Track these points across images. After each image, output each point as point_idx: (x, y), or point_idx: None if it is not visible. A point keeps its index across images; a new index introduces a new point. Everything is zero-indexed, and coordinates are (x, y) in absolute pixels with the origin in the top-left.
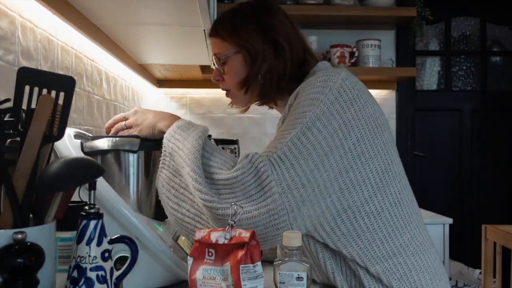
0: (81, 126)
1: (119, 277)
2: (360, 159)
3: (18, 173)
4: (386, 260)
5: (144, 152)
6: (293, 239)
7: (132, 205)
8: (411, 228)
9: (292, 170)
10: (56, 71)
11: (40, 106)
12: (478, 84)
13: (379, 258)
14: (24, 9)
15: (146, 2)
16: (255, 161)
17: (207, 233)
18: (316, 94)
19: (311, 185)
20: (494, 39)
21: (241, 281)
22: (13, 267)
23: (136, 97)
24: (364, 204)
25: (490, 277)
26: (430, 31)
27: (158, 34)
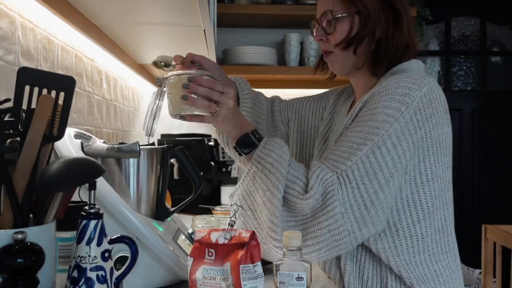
0: (81, 126)
1: (119, 277)
2: (415, 181)
3: (18, 173)
4: (421, 282)
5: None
6: (293, 239)
7: (132, 205)
8: (448, 255)
9: (357, 190)
10: (56, 71)
11: (40, 106)
12: (478, 84)
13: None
14: (24, 9)
15: (146, 2)
16: (324, 181)
17: (207, 233)
18: (393, 110)
19: (374, 207)
20: (494, 39)
21: (241, 281)
22: (13, 267)
23: (136, 97)
24: (410, 225)
25: (490, 277)
26: (430, 31)
27: (158, 34)
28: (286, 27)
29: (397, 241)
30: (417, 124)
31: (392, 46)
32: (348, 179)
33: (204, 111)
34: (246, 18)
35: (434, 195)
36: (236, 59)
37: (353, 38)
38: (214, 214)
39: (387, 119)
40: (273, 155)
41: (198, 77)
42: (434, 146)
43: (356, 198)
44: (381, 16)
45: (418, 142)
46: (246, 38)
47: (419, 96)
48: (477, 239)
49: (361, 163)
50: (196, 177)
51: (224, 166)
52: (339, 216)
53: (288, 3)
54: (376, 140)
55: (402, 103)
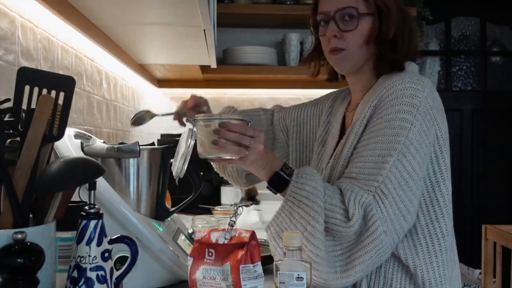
0: (81, 126)
1: (119, 277)
2: (430, 179)
3: (18, 173)
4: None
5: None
6: (293, 239)
7: (132, 205)
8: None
9: (394, 204)
10: (56, 71)
11: (40, 106)
12: (478, 84)
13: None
14: (24, 9)
15: (146, 2)
16: (363, 204)
17: (207, 233)
18: (406, 114)
19: (410, 214)
20: (494, 39)
21: (241, 281)
22: (13, 267)
23: (136, 97)
24: (429, 224)
25: (490, 277)
26: (430, 31)
27: (158, 34)
28: (286, 27)
29: (416, 240)
30: (429, 124)
31: (405, 47)
32: (384, 194)
33: (234, 155)
34: (246, 18)
35: (447, 193)
36: (236, 59)
37: (375, 37)
38: (214, 214)
39: (403, 124)
40: (307, 188)
41: (230, 122)
42: (442, 144)
43: (394, 211)
44: (399, 16)
45: (432, 142)
46: (246, 38)
47: (424, 97)
48: (477, 239)
49: (392, 175)
50: (196, 177)
51: None
52: (383, 236)
53: (288, 3)
54: (400, 149)
55: (413, 106)
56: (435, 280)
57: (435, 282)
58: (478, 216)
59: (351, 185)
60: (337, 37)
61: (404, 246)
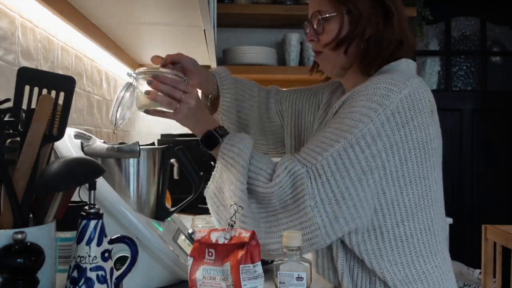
0: (81, 126)
1: (119, 277)
2: (399, 182)
3: (18, 173)
4: (406, 284)
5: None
6: (293, 239)
7: (132, 205)
8: (437, 256)
9: (328, 185)
10: (56, 71)
11: (40, 106)
12: (478, 84)
13: (399, 281)
14: (24, 9)
15: (146, 2)
16: (293, 173)
17: (207, 233)
18: (369, 110)
19: (345, 202)
20: (494, 39)
21: (241, 281)
22: (13, 267)
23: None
24: (395, 227)
25: (490, 277)
26: (430, 31)
27: (158, 34)
28: (286, 27)
29: (381, 243)
30: (395, 126)
31: (382, 45)
32: (318, 173)
33: (167, 107)
34: (246, 18)
35: (418, 196)
36: (236, 59)
37: (343, 38)
38: None
39: (362, 118)
40: (234, 150)
41: (161, 74)
42: (416, 148)
43: (326, 192)
44: (372, 14)
45: (397, 144)
46: (246, 38)
47: (398, 98)
48: (477, 239)
49: (332, 159)
50: (196, 177)
51: None
52: (309, 209)
53: (288, 3)
54: (349, 138)
55: (380, 104)
56: (404, 279)
57: (404, 282)
58: (478, 216)
59: (291, 156)
60: (314, 41)
61: (367, 250)
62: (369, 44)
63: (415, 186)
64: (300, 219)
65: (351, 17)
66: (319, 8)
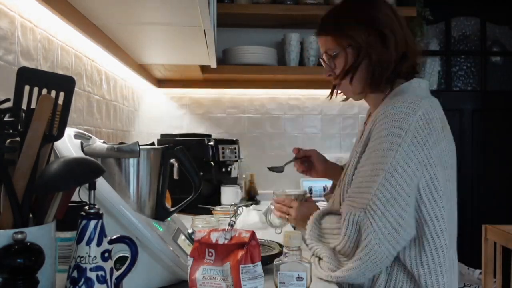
0: (81, 126)
1: (119, 277)
2: (433, 196)
3: (18, 173)
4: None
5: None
6: (293, 239)
7: (132, 205)
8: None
9: (384, 218)
10: (56, 71)
11: (40, 106)
12: (478, 84)
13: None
14: (24, 9)
15: (146, 2)
16: (355, 222)
17: (207, 233)
18: (394, 137)
19: (401, 228)
20: (494, 39)
21: (241, 281)
22: (13, 267)
23: (136, 97)
24: (435, 238)
25: (491, 277)
26: (430, 31)
27: (158, 34)
28: (286, 27)
29: (422, 252)
30: (418, 145)
31: (383, 66)
32: (373, 210)
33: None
34: (246, 18)
35: (444, 211)
36: (236, 59)
37: (348, 69)
38: (214, 214)
39: (391, 146)
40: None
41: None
42: (437, 163)
43: (385, 225)
44: (370, 42)
45: (424, 161)
46: (246, 38)
47: (415, 120)
48: (477, 239)
49: (380, 192)
50: (196, 177)
51: (224, 166)
52: (376, 247)
53: (288, 3)
54: (387, 169)
55: (401, 129)
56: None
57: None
58: (478, 216)
59: (348, 207)
60: (331, 75)
61: (410, 256)
62: (373, 68)
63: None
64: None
65: (353, 49)
66: (327, 48)
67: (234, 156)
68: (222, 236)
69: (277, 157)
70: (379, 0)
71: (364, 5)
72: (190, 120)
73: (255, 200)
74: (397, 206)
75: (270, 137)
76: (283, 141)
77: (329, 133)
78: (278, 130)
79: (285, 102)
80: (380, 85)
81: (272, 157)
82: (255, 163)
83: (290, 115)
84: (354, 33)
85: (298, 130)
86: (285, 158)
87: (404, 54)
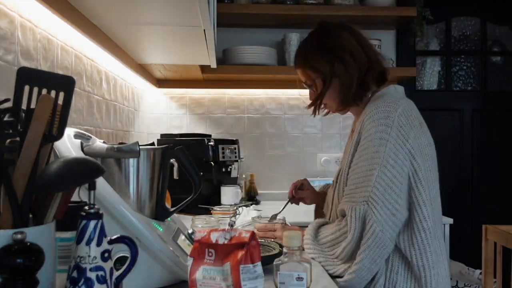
0: (81, 126)
1: (119, 277)
2: (421, 183)
3: (18, 173)
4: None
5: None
6: (293, 239)
7: (132, 205)
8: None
9: (384, 206)
10: (56, 71)
11: (40, 106)
12: (478, 84)
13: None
14: (24, 9)
15: (146, 2)
16: (360, 214)
17: (207, 233)
18: (381, 133)
19: (398, 212)
20: (495, 39)
21: (241, 281)
22: (13, 267)
23: (136, 97)
24: (422, 221)
25: (491, 277)
26: (430, 31)
27: (158, 34)
28: (286, 27)
29: (413, 234)
30: (403, 138)
31: (348, 83)
32: (375, 200)
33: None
34: (246, 18)
35: (427, 199)
36: (236, 59)
37: (317, 97)
38: (213, 214)
39: (380, 142)
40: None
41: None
42: (418, 155)
43: (385, 212)
44: (332, 69)
45: (408, 153)
46: (246, 38)
47: (396, 116)
48: (477, 239)
49: (378, 184)
50: (196, 177)
51: (224, 166)
52: (380, 234)
53: (288, 3)
54: (380, 162)
55: (386, 125)
56: (428, 265)
57: (428, 267)
58: (478, 216)
59: (348, 204)
60: None
61: (404, 239)
62: (340, 89)
63: (427, 187)
64: (377, 244)
65: (320, 79)
66: (304, 80)
67: (234, 156)
68: (222, 236)
69: (277, 157)
70: (337, 27)
71: (323, 36)
72: (190, 120)
73: (255, 200)
74: (393, 194)
75: (270, 137)
76: (283, 141)
77: (329, 133)
78: (278, 130)
79: (285, 102)
80: (352, 100)
81: (272, 157)
82: (255, 163)
83: (290, 115)
84: (318, 65)
85: (298, 130)
86: (285, 158)
87: (369, 67)
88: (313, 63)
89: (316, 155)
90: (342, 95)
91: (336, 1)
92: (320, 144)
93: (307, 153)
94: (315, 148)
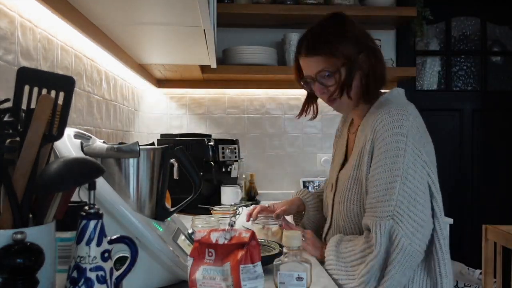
0: (81, 126)
1: (119, 277)
2: (434, 191)
3: (18, 173)
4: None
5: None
6: (293, 239)
7: (132, 205)
8: None
9: (410, 219)
10: (56, 71)
11: (40, 106)
12: (478, 84)
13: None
14: (24, 9)
15: (146, 2)
16: (385, 231)
17: (207, 233)
18: (398, 143)
19: (425, 223)
20: (495, 39)
21: (241, 281)
22: (12, 267)
23: (136, 97)
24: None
25: (491, 277)
26: (430, 31)
27: (158, 34)
28: (286, 27)
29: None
30: (418, 146)
31: (377, 77)
32: (400, 214)
33: None
34: (246, 18)
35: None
36: (236, 59)
37: (343, 85)
38: (213, 214)
39: (398, 152)
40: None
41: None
42: (428, 162)
43: (412, 225)
44: (363, 57)
45: (425, 161)
46: (246, 38)
47: (409, 125)
48: (477, 239)
49: (401, 196)
50: (196, 177)
51: (224, 166)
52: (409, 248)
53: (288, 3)
54: (400, 174)
55: (402, 135)
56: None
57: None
58: (478, 216)
59: (372, 219)
60: (325, 93)
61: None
62: (368, 80)
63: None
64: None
65: (347, 66)
66: (322, 68)
67: (234, 156)
68: (222, 236)
69: (277, 157)
70: (351, 19)
71: (347, 24)
72: (190, 120)
73: (255, 200)
74: (419, 205)
75: (270, 137)
76: (283, 141)
77: (329, 133)
78: (278, 130)
79: (285, 102)
80: (373, 96)
81: (272, 157)
82: (255, 163)
83: (290, 115)
84: (347, 51)
85: (298, 130)
86: (285, 158)
87: None
88: (341, 49)
89: (316, 155)
90: (369, 88)
91: (336, 1)
92: (320, 144)
93: (307, 153)
94: (315, 148)
